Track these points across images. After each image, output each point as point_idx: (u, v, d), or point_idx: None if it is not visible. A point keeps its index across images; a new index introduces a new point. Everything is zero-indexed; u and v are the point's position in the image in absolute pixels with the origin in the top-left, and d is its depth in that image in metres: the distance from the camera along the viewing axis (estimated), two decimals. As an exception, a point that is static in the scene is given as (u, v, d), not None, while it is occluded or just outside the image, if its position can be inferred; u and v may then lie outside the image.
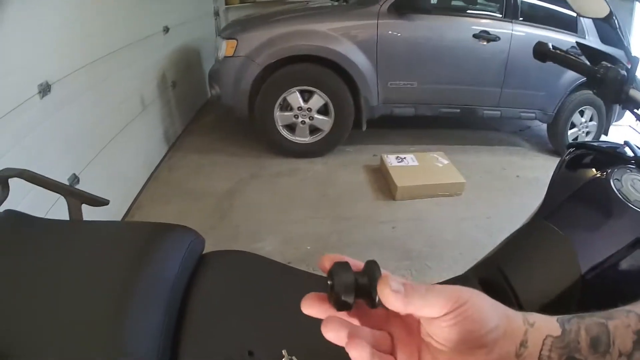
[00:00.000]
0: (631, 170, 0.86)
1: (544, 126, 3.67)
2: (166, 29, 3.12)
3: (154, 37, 2.94)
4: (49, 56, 1.71)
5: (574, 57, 1.02)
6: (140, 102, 2.69)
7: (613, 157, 0.93)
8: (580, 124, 3.67)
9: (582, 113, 3.66)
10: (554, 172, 1.01)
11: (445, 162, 2.99)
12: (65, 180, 1.77)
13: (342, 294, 0.33)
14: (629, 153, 0.94)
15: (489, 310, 0.34)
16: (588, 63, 0.98)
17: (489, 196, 2.86)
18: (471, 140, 3.70)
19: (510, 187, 3.01)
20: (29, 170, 0.86)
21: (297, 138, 3.06)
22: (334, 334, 0.33)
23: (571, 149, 1.04)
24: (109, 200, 0.95)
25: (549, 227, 0.87)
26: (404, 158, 2.94)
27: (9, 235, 0.79)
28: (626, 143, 0.97)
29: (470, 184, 2.87)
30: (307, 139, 3.08)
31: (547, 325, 0.35)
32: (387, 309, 0.35)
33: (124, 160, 2.42)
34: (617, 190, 0.82)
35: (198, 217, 2.44)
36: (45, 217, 0.88)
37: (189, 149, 3.23)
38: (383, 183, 2.89)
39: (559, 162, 1.02)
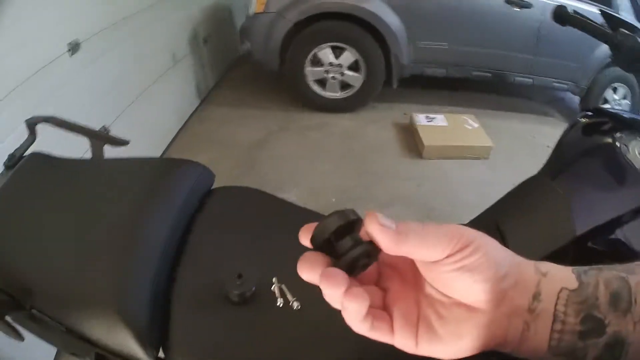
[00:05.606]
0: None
1: (577, 99, 3.62)
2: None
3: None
4: (78, 15, 1.74)
5: (592, 22, 0.98)
6: (172, 57, 2.72)
7: (626, 124, 0.88)
8: (613, 100, 3.60)
9: (615, 90, 3.61)
10: (563, 133, 0.97)
11: (475, 125, 2.98)
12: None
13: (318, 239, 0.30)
14: None
15: (497, 255, 0.30)
16: (609, 30, 0.95)
17: (516, 163, 2.81)
18: (502, 106, 3.62)
19: (538, 156, 2.90)
20: (55, 117, 0.91)
21: (327, 93, 3.07)
22: (330, 290, 0.28)
23: (584, 113, 1.00)
24: (129, 141, 0.98)
25: (549, 186, 0.87)
26: (434, 118, 2.94)
27: (35, 176, 0.85)
28: None
29: (498, 149, 2.84)
30: (338, 94, 3.09)
31: (562, 276, 0.30)
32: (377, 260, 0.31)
33: (155, 112, 2.45)
34: (623, 155, 0.78)
35: (227, 166, 2.47)
36: (69, 158, 0.92)
37: (220, 102, 3.27)
38: (411, 141, 2.89)
39: (570, 124, 0.99)
